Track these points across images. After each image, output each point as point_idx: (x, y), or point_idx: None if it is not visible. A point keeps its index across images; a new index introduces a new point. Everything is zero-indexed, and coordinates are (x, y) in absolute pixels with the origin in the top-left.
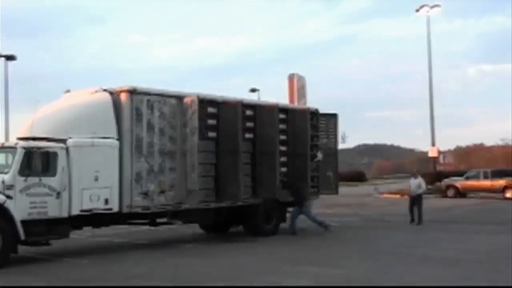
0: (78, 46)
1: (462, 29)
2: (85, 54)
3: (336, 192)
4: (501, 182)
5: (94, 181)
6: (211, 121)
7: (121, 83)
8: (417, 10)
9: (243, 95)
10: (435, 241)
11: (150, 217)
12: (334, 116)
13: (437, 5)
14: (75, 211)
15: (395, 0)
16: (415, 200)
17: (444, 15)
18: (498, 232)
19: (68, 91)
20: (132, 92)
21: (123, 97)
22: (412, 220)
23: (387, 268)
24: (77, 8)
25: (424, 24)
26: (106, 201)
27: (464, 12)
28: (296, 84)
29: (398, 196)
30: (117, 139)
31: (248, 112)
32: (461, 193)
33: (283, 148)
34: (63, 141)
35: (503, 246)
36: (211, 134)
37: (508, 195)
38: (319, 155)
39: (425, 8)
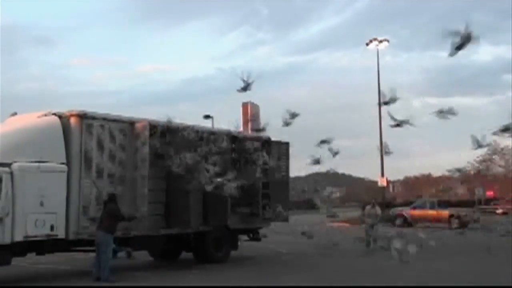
0: (20, 67)
1: (407, 62)
2: (27, 76)
3: (287, 220)
4: (446, 212)
5: (39, 206)
6: (162, 147)
7: (63, 107)
8: (367, 44)
9: (196, 121)
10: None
11: None
12: (286, 145)
13: (386, 40)
14: (19, 237)
15: (341, 34)
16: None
17: (390, 48)
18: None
19: (14, 114)
20: (82, 116)
21: (73, 121)
22: (368, 244)
23: None
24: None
25: (372, 57)
26: (52, 227)
27: (408, 46)
28: (250, 112)
29: (347, 224)
30: (66, 164)
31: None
32: (408, 223)
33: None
34: (8, 165)
35: None
36: (162, 160)
37: (454, 225)
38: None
39: (375, 42)
